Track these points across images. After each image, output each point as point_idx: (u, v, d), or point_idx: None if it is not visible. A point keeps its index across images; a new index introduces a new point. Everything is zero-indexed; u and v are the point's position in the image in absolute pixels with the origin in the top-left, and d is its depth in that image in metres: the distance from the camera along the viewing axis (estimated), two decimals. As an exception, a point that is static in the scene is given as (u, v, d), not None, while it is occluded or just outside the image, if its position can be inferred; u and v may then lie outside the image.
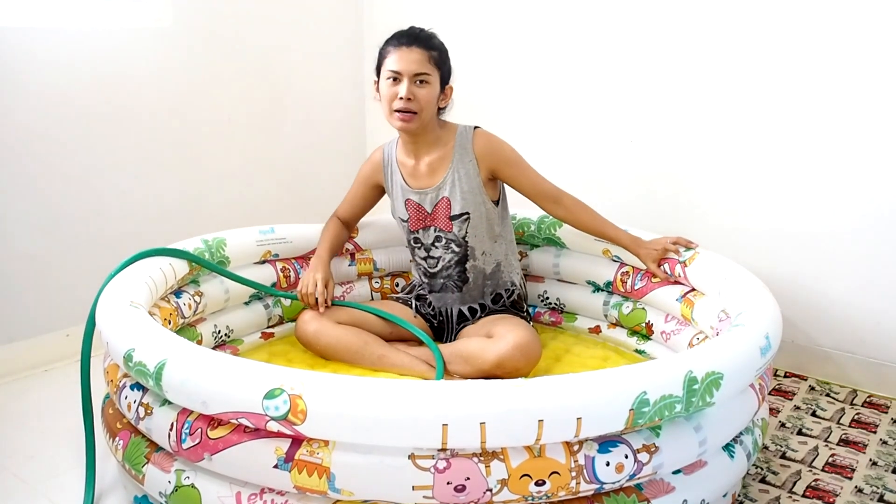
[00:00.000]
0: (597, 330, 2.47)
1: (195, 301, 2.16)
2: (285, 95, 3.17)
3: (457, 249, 2.30)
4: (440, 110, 2.27)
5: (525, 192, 2.30)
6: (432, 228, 2.30)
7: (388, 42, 2.20)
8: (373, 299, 2.59)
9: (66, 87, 2.50)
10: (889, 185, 2.33)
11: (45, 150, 2.48)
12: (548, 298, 2.56)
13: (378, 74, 2.21)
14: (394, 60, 2.15)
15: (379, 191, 2.43)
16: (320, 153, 3.36)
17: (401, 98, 2.14)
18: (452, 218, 2.27)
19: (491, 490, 1.44)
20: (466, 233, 2.28)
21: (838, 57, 2.34)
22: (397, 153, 2.33)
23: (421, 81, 2.14)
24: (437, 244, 2.30)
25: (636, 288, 2.34)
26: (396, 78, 2.15)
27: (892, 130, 2.30)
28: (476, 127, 2.28)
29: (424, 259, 2.34)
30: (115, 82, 2.61)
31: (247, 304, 2.40)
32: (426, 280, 2.37)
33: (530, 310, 2.51)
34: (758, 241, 2.56)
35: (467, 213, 2.26)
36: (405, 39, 2.16)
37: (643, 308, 2.36)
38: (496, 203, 2.30)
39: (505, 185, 2.34)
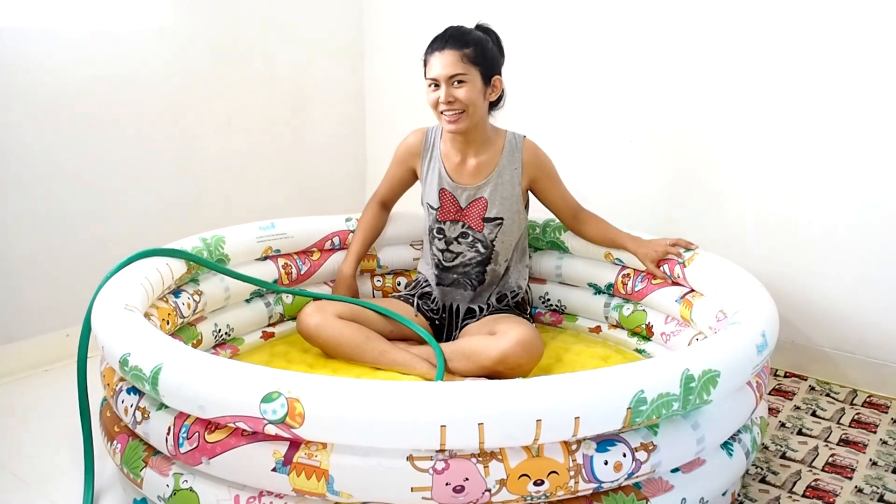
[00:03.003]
0: (597, 330, 2.47)
1: (194, 300, 2.15)
2: (285, 95, 3.17)
3: (482, 251, 2.31)
4: (493, 105, 2.27)
5: (552, 205, 2.38)
6: (460, 223, 2.31)
7: (426, 48, 2.20)
8: (374, 297, 2.59)
9: (66, 87, 2.50)
10: (889, 186, 2.32)
11: (44, 150, 2.48)
12: (549, 300, 2.56)
13: (426, 78, 2.22)
14: (430, 67, 2.17)
15: (415, 174, 2.43)
16: (321, 152, 3.36)
17: (441, 101, 2.15)
18: (486, 220, 2.28)
19: (490, 490, 1.44)
20: (496, 237, 2.29)
21: (839, 62, 2.34)
22: (442, 143, 2.33)
23: (458, 82, 2.14)
24: (461, 240, 2.31)
25: (636, 290, 2.34)
26: (435, 84, 2.16)
27: (892, 131, 2.30)
28: (524, 136, 2.31)
29: (441, 251, 2.34)
30: (114, 82, 2.61)
31: (248, 301, 2.39)
32: (437, 272, 2.37)
33: (532, 310, 2.51)
34: (758, 241, 2.56)
35: (501, 219, 2.28)
36: (438, 43, 2.17)
37: (643, 310, 2.36)
38: (525, 206, 2.34)
39: (530, 194, 2.37)
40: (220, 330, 2.28)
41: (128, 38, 2.63)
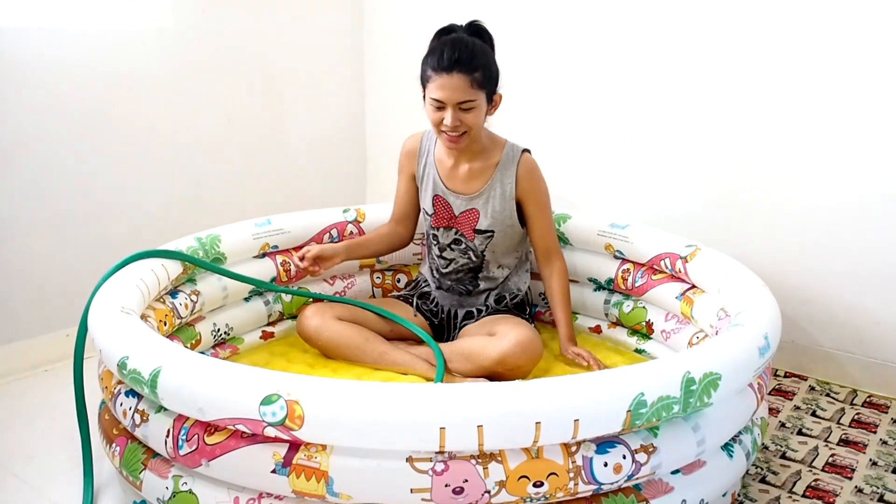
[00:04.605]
0: (597, 329, 2.47)
1: (192, 300, 2.15)
2: (285, 95, 3.16)
3: (473, 259, 2.29)
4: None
5: (532, 235, 2.28)
6: (453, 230, 2.29)
7: (428, 59, 2.10)
8: (373, 296, 2.59)
9: (66, 87, 2.50)
10: (889, 185, 2.32)
11: (44, 150, 2.48)
12: (549, 297, 2.56)
13: (423, 87, 2.13)
14: (435, 88, 2.06)
15: (415, 180, 2.37)
16: (321, 153, 3.36)
17: (446, 125, 2.09)
18: (477, 231, 2.26)
19: (489, 492, 1.44)
20: (486, 248, 2.28)
21: (843, 58, 2.34)
22: (436, 149, 2.30)
23: (466, 109, 2.08)
24: (453, 247, 2.29)
25: (637, 285, 2.34)
26: (440, 106, 2.08)
27: (892, 131, 2.29)
28: (525, 150, 2.26)
29: (437, 257, 2.34)
30: (114, 82, 2.61)
31: (246, 300, 2.39)
32: (436, 277, 2.37)
33: (531, 309, 2.51)
34: (759, 240, 2.56)
35: (492, 232, 2.26)
36: (444, 62, 2.04)
37: (643, 307, 2.36)
38: (521, 222, 2.30)
39: None
40: (219, 329, 2.28)
41: (128, 38, 2.63)
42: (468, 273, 2.32)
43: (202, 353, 2.17)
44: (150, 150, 2.75)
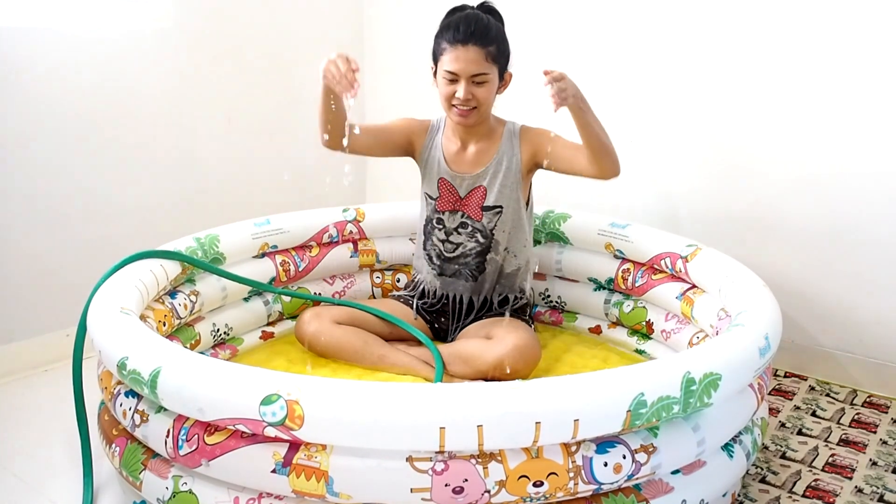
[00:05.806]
0: (597, 330, 2.47)
1: (191, 301, 2.15)
2: (285, 95, 3.16)
3: (481, 240, 2.28)
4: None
5: (569, 157, 2.15)
6: (460, 213, 2.28)
7: (443, 33, 2.12)
8: (373, 296, 2.59)
9: (66, 88, 2.50)
10: (889, 185, 2.32)
11: (45, 151, 2.48)
12: (549, 297, 2.55)
13: (435, 62, 2.16)
14: (450, 60, 2.08)
15: (404, 149, 2.33)
16: (321, 153, 3.34)
17: (458, 98, 2.10)
18: (485, 209, 2.26)
19: (489, 491, 1.44)
20: (495, 226, 2.26)
21: (843, 57, 2.34)
22: (443, 135, 2.30)
23: (479, 81, 2.10)
24: (460, 230, 2.28)
25: (637, 285, 2.34)
26: (454, 79, 2.10)
27: (890, 132, 2.29)
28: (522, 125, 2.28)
29: (442, 242, 2.31)
30: (114, 83, 2.61)
31: (246, 300, 2.39)
32: (437, 263, 2.34)
33: (531, 310, 2.50)
34: (759, 239, 2.56)
35: (500, 207, 2.25)
36: (460, 35, 2.06)
37: (643, 307, 2.36)
38: (527, 203, 2.30)
39: (531, 187, 2.32)
40: (218, 330, 2.27)
41: (128, 38, 2.63)
42: (476, 257, 2.29)
43: (202, 353, 2.17)
44: (150, 150, 2.75)
